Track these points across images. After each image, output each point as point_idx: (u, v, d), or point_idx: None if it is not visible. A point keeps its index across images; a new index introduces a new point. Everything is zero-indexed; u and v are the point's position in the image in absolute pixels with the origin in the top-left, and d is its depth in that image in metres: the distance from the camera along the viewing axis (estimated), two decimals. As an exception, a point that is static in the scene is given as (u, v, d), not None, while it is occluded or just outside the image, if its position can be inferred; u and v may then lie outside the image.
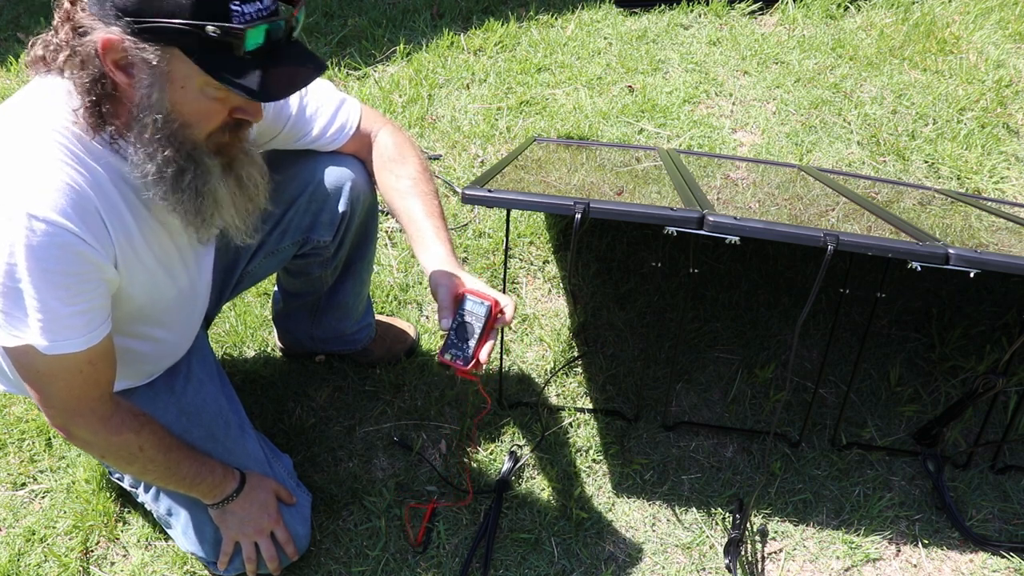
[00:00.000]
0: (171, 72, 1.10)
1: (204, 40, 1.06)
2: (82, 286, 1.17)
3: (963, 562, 1.70)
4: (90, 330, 1.21)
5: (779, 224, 1.48)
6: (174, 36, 1.07)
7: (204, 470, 1.49)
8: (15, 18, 3.44)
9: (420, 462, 1.85)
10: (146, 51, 1.08)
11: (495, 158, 2.61)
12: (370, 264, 1.84)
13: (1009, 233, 1.92)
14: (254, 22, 1.08)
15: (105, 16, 1.07)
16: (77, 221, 1.13)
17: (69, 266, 1.15)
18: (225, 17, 1.06)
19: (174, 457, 1.44)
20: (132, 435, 1.36)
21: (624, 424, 1.92)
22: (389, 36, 3.15)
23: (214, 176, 1.22)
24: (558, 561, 1.69)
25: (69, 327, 1.18)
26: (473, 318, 1.35)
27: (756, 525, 1.76)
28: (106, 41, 1.08)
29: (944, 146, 2.64)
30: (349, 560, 1.69)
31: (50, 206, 1.11)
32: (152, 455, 1.40)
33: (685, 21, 3.22)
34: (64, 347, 1.19)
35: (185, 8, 1.05)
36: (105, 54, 1.09)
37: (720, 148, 2.67)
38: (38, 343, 1.17)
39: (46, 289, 1.14)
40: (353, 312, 1.89)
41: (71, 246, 1.14)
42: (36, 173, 1.12)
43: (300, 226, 1.64)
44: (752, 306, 2.17)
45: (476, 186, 1.56)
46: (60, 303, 1.16)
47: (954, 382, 2.00)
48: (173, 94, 1.12)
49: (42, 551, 1.72)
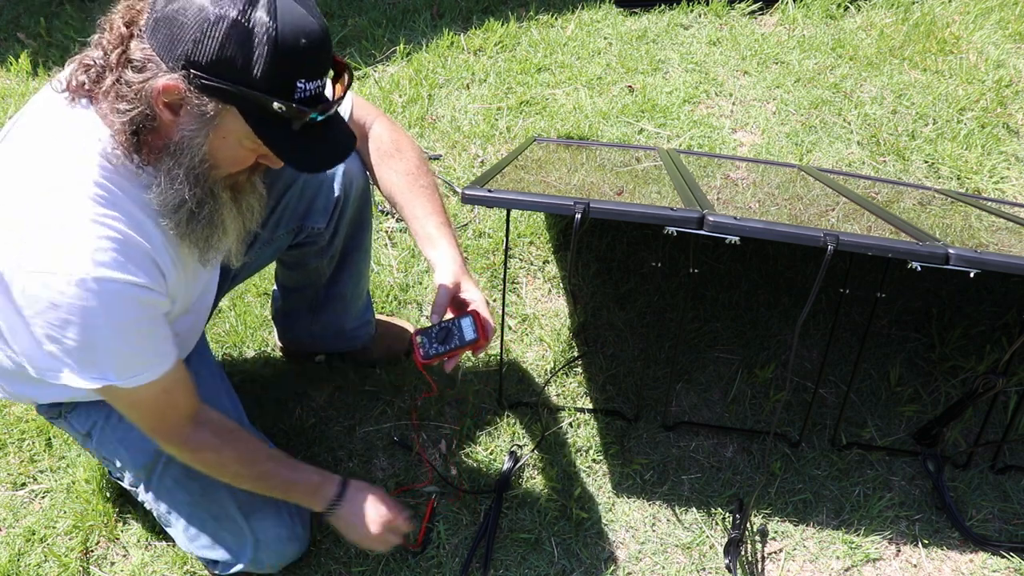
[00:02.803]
0: (219, 124, 1.13)
1: (266, 110, 1.10)
2: (151, 326, 1.24)
3: (963, 562, 1.70)
4: (161, 359, 1.27)
5: (779, 224, 1.48)
6: (237, 99, 1.09)
7: (297, 476, 1.53)
8: (15, 18, 3.44)
9: (420, 462, 1.85)
10: (204, 103, 1.10)
11: (495, 158, 2.61)
12: (366, 254, 1.84)
13: (1009, 233, 1.92)
14: (314, 103, 1.12)
15: (170, 60, 1.08)
16: (135, 271, 1.17)
17: (137, 314, 1.21)
18: (290, 92, 1.10)
19: (262, 470, 1.49)
20: (212, 454, 1.43)
21: (624, 424, 1.92)
22: (389, 36, 3.15)
23: (226, 207, 1.26)
24: (558, 561, 1.69)
25: (143, 363, 1.25)
26: (459, 335, 1.46)
27: (756, 525, 1.76)
28: (168, 87, 1.09)
29: (944, 146, 2.64)
30: (349, 560, 1.69)
31: (108, 265, 1.14)
32: (237, 470, 1.46)
33: (685, 21, 3.22)
34: (139, 380, 1.25)
35: (258, 80, 1.07)
36: (160, 95, 1.10)
37: (720, 148, 2.67)
38: (117, 383, 1.23)
39: (121, 339, 1.20)
40: (352, 306, 1.89)
41: (135, 297, 1.18)
42: (86, 234, 1.13)
43: (295, 214, 1.64)
44: (752, 306, 2.17)
45: (476, 186, 1.56)
46: (133, 347, 1.23)
47: (954, 382, 2.00)
48: (214, 141, 1.15)
49: (42, 551, 1.72)
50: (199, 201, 1.21)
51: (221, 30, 1.05)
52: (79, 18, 3.39)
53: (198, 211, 1.21)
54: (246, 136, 1.14)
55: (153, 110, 1.12)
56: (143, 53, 1.10)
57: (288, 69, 1.08)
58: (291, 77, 1.09)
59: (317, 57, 1.11)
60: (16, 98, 2.97)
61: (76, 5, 3.46)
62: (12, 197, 1.16)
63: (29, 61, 3.15)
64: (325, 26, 1.12)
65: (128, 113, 1.12)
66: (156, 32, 1.09)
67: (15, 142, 1.22)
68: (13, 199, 1.16)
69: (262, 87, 1.08)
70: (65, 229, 1.13)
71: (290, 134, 1.14)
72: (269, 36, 1.06)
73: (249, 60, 1.06)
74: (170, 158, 1.16)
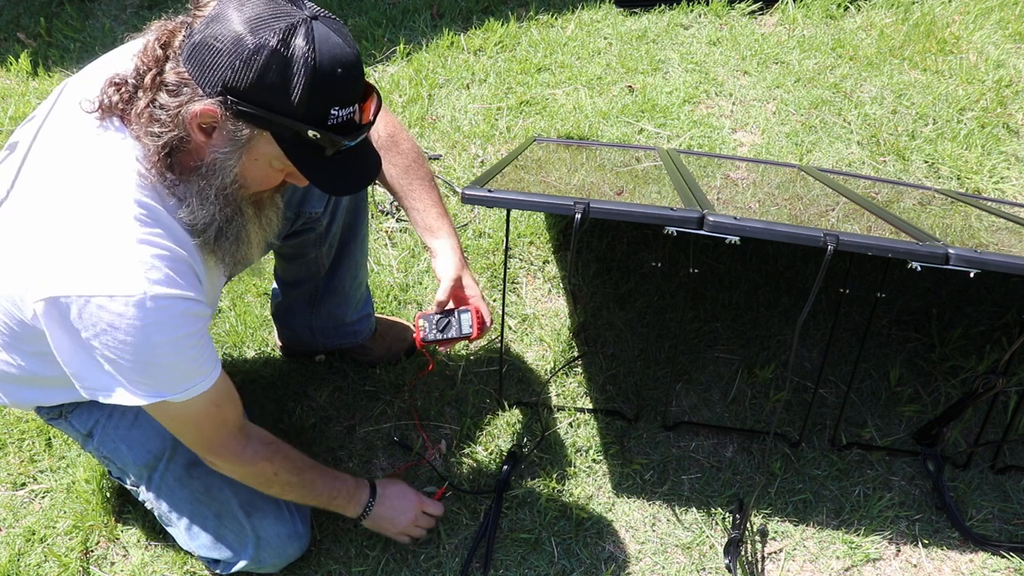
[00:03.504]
0: (252, 147, 1.15)
1: (300, 136, 1.12)
2: (202, 337, 1.25)
3: (963, 562, 1.70)
4: (210, 370, 1.28)
5: (779, 224, 1.48)
6: (273, 125, 1.12)
7: (338, 483, 1.57)
8: (15, 18, 3.43)
9: (420, 462, 1.85)
10: (239, 128, 1.12)
11: (495, 158, 2.61)
12: (363, 243, 1.85)
13: (1009, 233, 1.92)
14: (345, 130, 1.14)
15: (207, 85, 1.10)
16: (183, 285, 1.18)
17: (191, 328, 1.21)
18: (324, 120, 1.12)
19: (308, 477, 1.51)
20: (266, 463, 1.44)
21: (624, 424, 1.92)
22: (389, 36, 3.15)
23: (251, 223, 1.28)
24: (558, 561, 1.69)
25: (196, 375, 1.26)
26: (456, 327, 1.59)
27: (756, 525, 1.76)
28: (205, 111, 1.11)
29: (944, 146, 2.64)
30: (349, 560, 1.69)
31: (162, 282, 1.15)
32: (287, 478, 1.48)
33: (685, 21, 3.22)
34: (191, 392, 1.25)
35: (295, 108, 1.10)
36: (195, 119, 1.11)
37: (720, 148, 2.67)
38: (171, 397, 1.25)
39: (177, 355, 1.21)
40: (351, 298, 1.89)
41: (187, 311, 1.19)
42: (136, 254, 1.14)
43: (292, 201, 1.65)
44: (752, 306, 2.17)
45: (476, 186, 1.56)
46: (188, 361, 1.24)
47: (954, 382, 2.00)
48: (246, 163, 1.17)
49: (42, 551, 1.72)
50: (227, 218, 1.23)
51: (261, 58, 1.07)
52: (79, 18, 3.40)
53: (226, 228, 1.24)
54: (276, 158, 1.17)
55: (187, 133, 1.14)
56: (178, 76, 1.11)
57: (324, 98, 1.10)
58: (326, 105, 1.11)
59: (351, 85, 1.14)
60: (16, 98, 2.97)
61: (76, 5, 3.46)
62: (56, 221, 1.17)
63: (29, 61, 3.15)
64: (358, 53, 1.15)
65: (162, 136, 1.14)
66: (193, 56, 1.10)
67: (47, 164, 1.23)
68: (57, 224, 1.17)
69: (298, 115, 1.10)
70: (115, 251, 1.14)
71: (322, 159, 1.16)
72: (308, 66, 1.08)
73: (287, 88, 1.08)
74: (201, 178, 1.18)
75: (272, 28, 1.07)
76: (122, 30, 3.36)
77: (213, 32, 1.08)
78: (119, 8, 3.51)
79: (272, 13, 1.08)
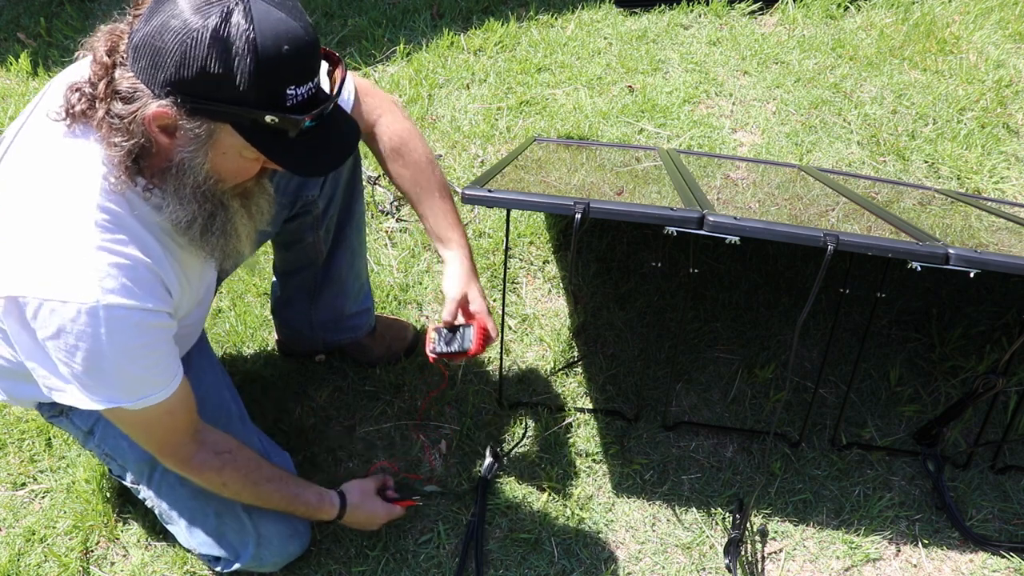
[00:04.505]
0: (216, 142, 1.12)
1: (258, 123, 1.09)
2: (157, 349, 1.24)
3: (963, 562, 1.70)
4: (167, 379, 1.28)
5: (779, 224, 1.48)
6: (228, 116, 1.09)
7: (298, 501, 1.56)
8: (15, 18, 3.43)
9: (420, 462, 1.85)
10: (197, 125, 1.09)
11: (495, 158, 2.61)
12: (360, 230, 1.84)
13: (1009, 233, 1.92)
14: (306, 108, 1.10)
15: (155, 86, 1.07)
16: (142, 296, 1.17)
17: (145, 339, 1.21)
18: (281, 102, 1.08)
19: (262, 490, 1.50)
20: (213, 474, 1.44)
21: (624, 424, 1.92)
22: (389, 36, 3.15)
23: (237, 215, 1.26)
24: (558, 561, 1.69)
25: (150, 385, 1.26)
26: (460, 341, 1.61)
27: (756, 525, 1.76)
28: (159, 114, 1.08)
29: (944, 146, 2.64)
30: (349, 560, 1.70)
31: (116, 292, 1.14)
32: (237, 490, 1.48)
33: (685, 21, 3.22)
34: (146, 402, 1.25)
35: (244, 97, 1.06)
36: (152, 122, 1.09)
37: (720, 148, 2.67)
38: (124, 404, 1.24)
39: (128, 364, 1.21)
40: (350, 288, 1.89)
41: (142, 321, 1.19)
42: (93, 261, 1.14)
43: (288, 188, 1.64)
44: (752, 306, 2.17)
45: (476, 186, 1.56)
46: (140, 371, 1.23)
47: (954, 382, 2.00)
48: (215, 158, 1.15)
49: (42, 551, 1.72)
50: (210, 214, 1.21)
51: (201, 50, 1.03)
52: (79, 18, 3.40)
53: (210, 224, 1.22)
54: (244, 148, 1.14)
55: (149, 137, 1.12)
56: (129, 82, 1.09)
57: (275, 79, 1.06)
58: (280, 86, 1.07)
59: (303, 61, 1.09)
60: (16, 98, 2.97)
61: (76, 5, 3.46)
62: (19, 223, 1.17)
63: (29, 61, 3.15)
64: (308, 25, 1.09)
65: (124, 145, 1.12)
66: (138, 59, 1.08)
67: (16, 169, 1.22)
68: (20, 225, 1.17)
69: (251, 101, 1.06)
70: (73, 256, 1.13)
71: (288, 142, 1.12)
72: (249, 49, 1.03)
73: (232, 76, 1.04)
74: (174, 179, 1.16)
75: (208, 14, 1.02)
76: (122, 30, 3.36)
77: (150, 30, 1.05)
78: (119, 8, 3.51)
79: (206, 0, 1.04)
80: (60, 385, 1.23)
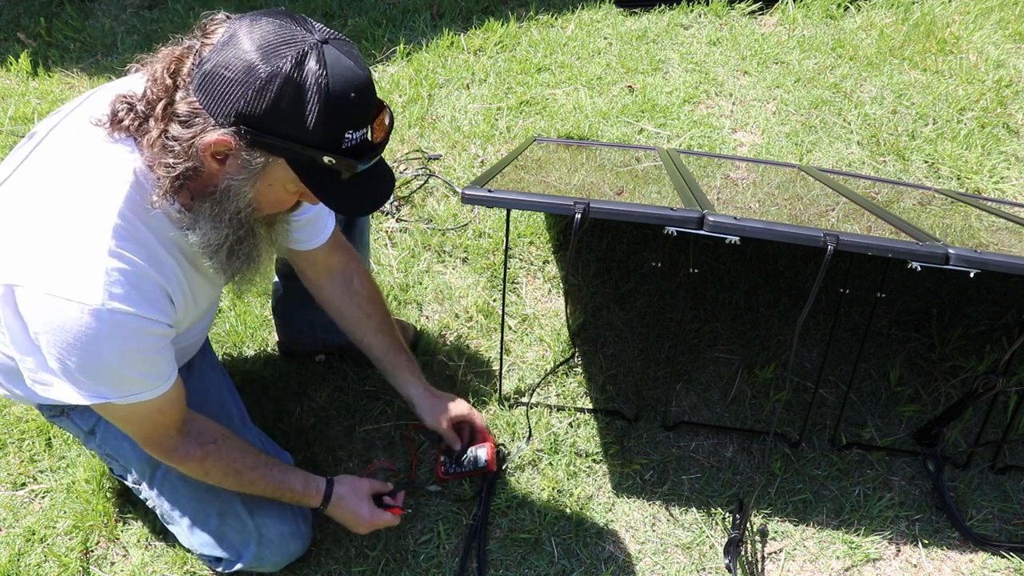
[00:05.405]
0: (267, 173, 1.15)
1: (315, 162, 1.12)
2: (154, 354, 1.26)
3: (963, 562, 1.70)
4: (160, 381, 1.29)
5: (779, 224, 1.48)
6: (287, 152, 1.12)
7: (282, 488, 1.55)
8: (15, 18, 3.44)
9: (420, 462, 1.85)
10: (253, 156, 1.12)
11: (495, 158, 2.61)
12: (363, 232, 1.85)
13: (1009, 233, 1.92)
14: (358, 152, 1.14)
15: (220, 115, 1.09)
16: (146, 306, 1.19)
17: (143, 344, 1.22)
18: (339, 144, 1.12)
19: (245, 479, 1.50)
20: (196, 464, 1.44)
21: (624, 424, 1.92)
22: (389, 36, 3.15)
23: (263, 242, 1.29)
24: (558, 561, 1.69)
25: (143, 385, 1.27)
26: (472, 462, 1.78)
27: (756, 525, 1.76)
28: (219, 142, 1.10)
29: (944, 146, 2.64)
30: (349, 560, 1.69)
31: (120, 297, 1.15)
32: (219, 478, 1.48)
33: (685, 21, 3.22)
34: (137, 399, 1.27)
35: (310, 135, 1.09)
36: (209, 148, 1.11)
37: (720, 148, 2.67)
38: (113, 400, 1.26)
39: (123, 366, 1.22)
40: None
41: (140, 328, 1.20)
42: (104, 265, 1.15)
43: None
44: (752, 306, 2.17)
45: (476, 186, 1.56)
46: (134, 372, 1.25)
47: (954, 382, 2.00)
48: (260, 188, 1.17)
49: (42, 551, 1.72)
50: (239, 239, 1.23)
51: (274, 87, 1.06)
52: (79, 18, 3.40)
53: (238, 248, 1.24)
54: (291, 182, 1.17)
55: (201, 162, 1.14)
56: (190, 107, 1.11)
57: (338, 122, 1.10)
58: (341, 129, 1.11)
59: (366, 108, 1.13)
60: (16, 98, 2.97)
61: (76, 5, 3.47)
62: (38, 215, 1.18)
63: (29, 61, 3.15)
64: (370, 74, 1.14)
65: (176, 168, 1.14)
66: (204, 85, 1.10)
67: (45, 164, 1.23)
68: (39, 217, 1.18)
69: (312, 141, 1.10)
70: (84, 257, 1.14)
71: (339, 182, 1.16)
72: (321, 92, 1.07)
73: (302, 116, 1.08)
74: (215, 204, 1.18)
75: (284, 55, 1.06)
76: (122, 30, 3.36)
77: (224, 60, 1.08)
78: (119, 8, 3.51)
79: (283, 39, 1.08)
80: (48, 379, 1.23)
